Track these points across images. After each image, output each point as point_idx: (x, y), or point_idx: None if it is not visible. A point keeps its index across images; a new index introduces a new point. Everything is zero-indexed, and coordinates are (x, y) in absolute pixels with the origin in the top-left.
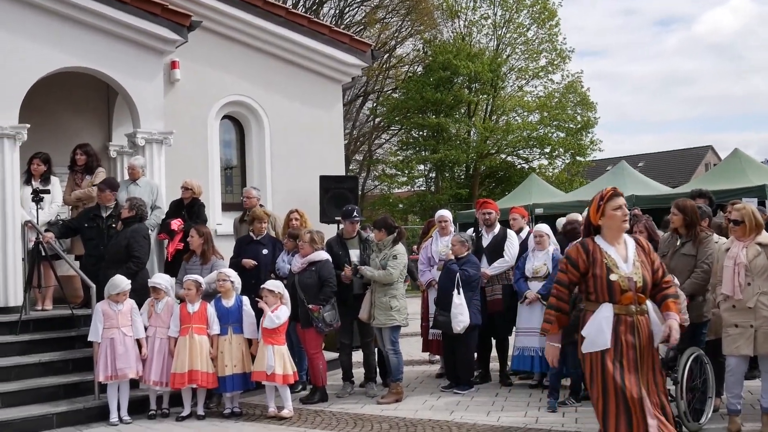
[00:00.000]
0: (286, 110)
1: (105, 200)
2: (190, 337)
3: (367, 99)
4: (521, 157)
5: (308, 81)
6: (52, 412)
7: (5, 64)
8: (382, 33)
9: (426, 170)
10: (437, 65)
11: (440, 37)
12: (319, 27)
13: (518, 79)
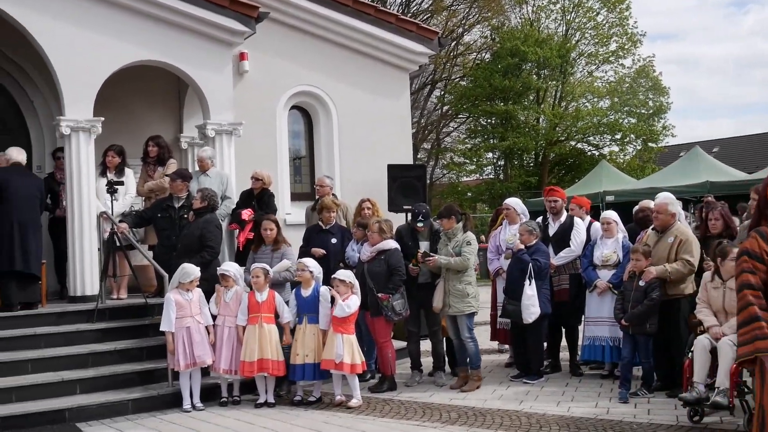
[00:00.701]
0: (353, 100)
1: (177, 190)
2: (260, 325)
3: (435, 87)
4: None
5: (375, 70)
6: (127, 398)
7: (80, 59)
8: (449, 20)
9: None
10: (505, 52)
11: (508, 23)
12: (386, 16)
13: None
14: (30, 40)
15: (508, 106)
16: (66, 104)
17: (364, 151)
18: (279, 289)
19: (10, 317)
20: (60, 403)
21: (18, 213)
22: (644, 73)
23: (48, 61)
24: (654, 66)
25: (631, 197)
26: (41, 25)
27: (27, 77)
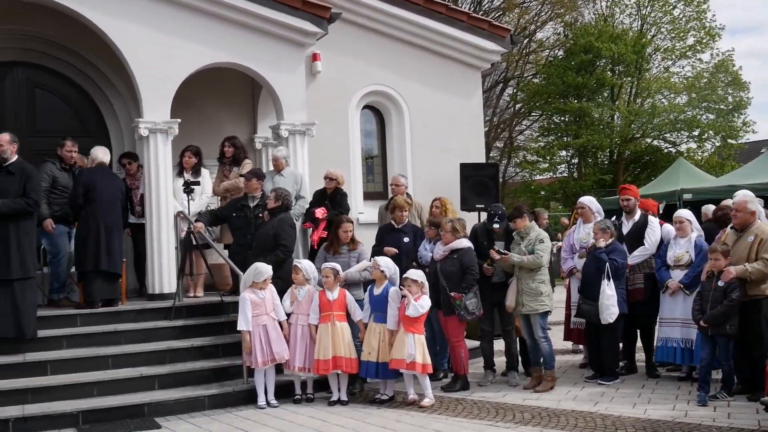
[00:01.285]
0: (425, 98)
1: (251, 189)
2: (332, 323)
3: (507, 85)
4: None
5: (447, 69)
6: (203, 394)
7: (157, 62)
8: (521, 18)
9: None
10: (578, 48)
11: (581, 19)
12: (458, 14)
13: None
14: (109, 44)
15: (582, 104)
16: (144, 106)
17: (437, 150)
18: (354, 288)
19: (93, 314)
20: (139, 398)
21: (103, 214)
22: (723, 67)
23: (127, 64)
24: (733, 60)
25: (710, 195)
26: (120, 29)
27: (107, 80)
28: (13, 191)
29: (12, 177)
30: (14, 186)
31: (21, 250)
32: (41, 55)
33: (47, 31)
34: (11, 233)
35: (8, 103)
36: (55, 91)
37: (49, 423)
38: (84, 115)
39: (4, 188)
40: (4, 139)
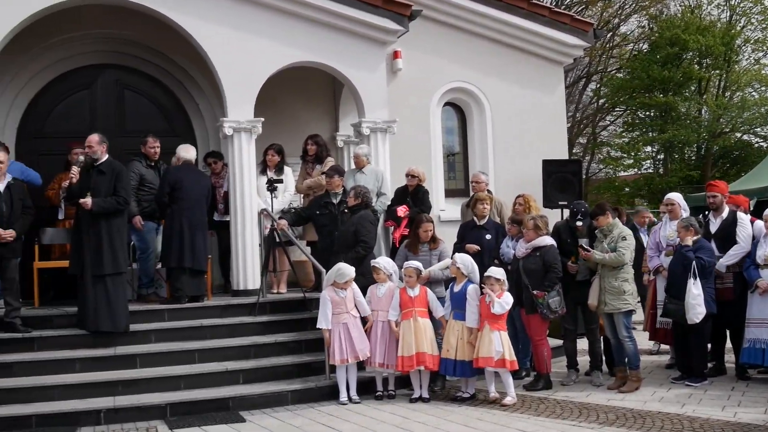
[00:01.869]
0: (507, 95)
1: (334, 186)
2: (414, 320)
3: (590, 80)
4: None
5: (529, 64)
6: (286, 389)
7: (240, 62)
8: (604, 11)
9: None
10: (664, 41)
11: (667, 11)
12: (539, 9)
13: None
14: (195, 46)
15: (668, 98)
16: (228, 106)
17: (519, 147)
18: (436, 285)
19: (180, 309)
20: (224, 392)
21: (188, 212)
22: None
23: (211, 65)
24: None
25: None
26: (205, 31)
27: (193, 81)
28: (105, 190)
29: (103, 176)
30: (105, 185)
31: (112, 246)
32: (130, 58)
33: (137, 34)
34: (103, 230)
35: (99, 105)
36: (144, 92)
37: (138, 414)
38: (171, 116)
39: (95, 187)
40: (94, 139)
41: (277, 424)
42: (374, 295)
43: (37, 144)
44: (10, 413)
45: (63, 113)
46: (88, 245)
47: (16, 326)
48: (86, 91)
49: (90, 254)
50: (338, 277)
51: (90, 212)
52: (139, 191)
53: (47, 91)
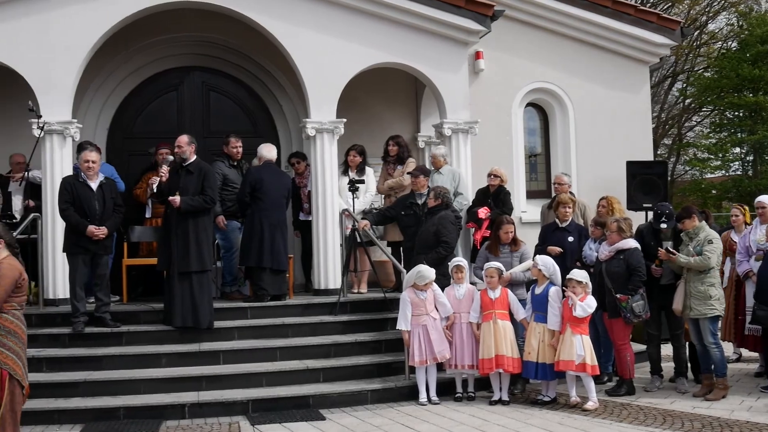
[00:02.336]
0: (590, 95)
1: (419, 186)
2: (494, 322)
3: (677, 79)
4: None
5: (613, 64)
6: (366, 388)
7: (323, 63)
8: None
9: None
10: (754, 39)
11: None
12: (624, 7)
13: None
14: (278, 47)
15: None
16: (311, 106)
17: (602, 148)
18: (518, 287)
19: (262, 307)
20: (305, 390)
21: (269, 211)
22: None
23: (295, 66)
24: None
25: None
26: (289, 33)
27: (276, 82)
28: (192, 189)
29: (191, 176)
30: (193, 184)
31: (198, 244)
32: (216, 60)
33: (223, 37)
34: (190, 228)
35: (186, 106)
36: (228, 94)
37: (221, 409)
38: (254, 117)
39: (184, 187)
40: (183, 140)
41: (356, 423)
42: (453, 297)
43: (126, 144)
44: (99, 405)
45: (151, 114)
46: (175, 243)
47: (105, 321)
48: (174, 92)
49: (177, 252)
50: (418, 279)
51: (178, 210)
52: (222, 191)
53: (137, 93)
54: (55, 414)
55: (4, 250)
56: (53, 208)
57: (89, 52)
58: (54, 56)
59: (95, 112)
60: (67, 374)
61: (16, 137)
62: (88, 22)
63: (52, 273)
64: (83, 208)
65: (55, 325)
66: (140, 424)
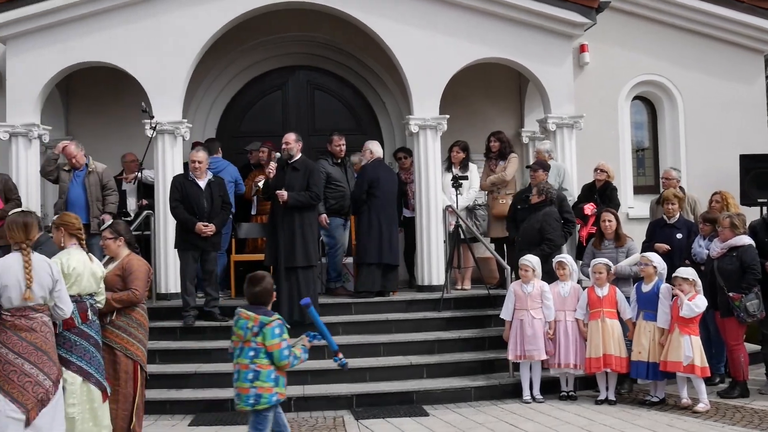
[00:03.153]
0: (701, 87)
1: (537, 180)
2: (602, 320)
3: None
4: None
5: (725, 54)
6: (470, 385)
7: (426, 60)
8: None
9: None
10: None
11: None
12: None
13: None
14: (381, 45)
15: None
16: (414, 103)
17: (713, 141)
18: (623, 284)
19: (366, 303)
20: (408, 386)
21: (384, 208)
22: None
23: (397, 63)
24: None
25: None
26: (391, 30)
27: (379, 80)
28: (298, 186)
29: (297, 173)
30: (299, 181)
31: (305, 240)
32: (320, 59)
33: (326, 35)
34: (296, 224)
35: (291, 105)
36: (333, 92)
37: (326, 403)
38: (358, 114)
39: (290, 183)
40: (291, 137)
41: (459, 420)
42: (557, 294)
43: (234, 142)
44: (209, 396)
45: (257, 113)
46: (282, 239)
47: (214, 315)
48: (279, 91)
49: (283, 247)
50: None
51: (285, 206)
52: (325, 189)
53: (244, 93)
54: (167, 404)
55: (126, 248)
56: (165, 205)
57: (199, 53)
58: (165, 58)
59: (204, 111)
60: (179, 366)
61: (130, 138)
62: (198, 24)
63: (164, 268)
64: (192, 205)
65: (167, 318)
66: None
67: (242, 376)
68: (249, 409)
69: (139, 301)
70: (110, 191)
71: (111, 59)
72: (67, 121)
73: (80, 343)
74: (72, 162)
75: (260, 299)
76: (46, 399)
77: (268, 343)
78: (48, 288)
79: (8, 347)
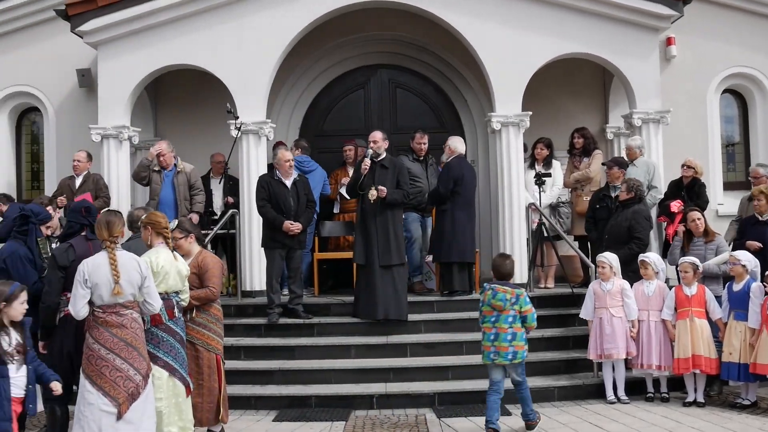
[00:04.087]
0: None
1: (613, 178)
2: (690, 320)
3: None
4: None
5: None
6: (553, 385)
7: (508, 57)
8: None
9: None
10: None
11: None
12: None
13: None
14: (462, 42)
15: None
16: (496, 100)
17: None
18: (712, 282)
19: (448, 301)
20: None
21: (465, 205)
22: None
23: (479, 60)
24: None
25: None
26: (472, 27)
27: (461, 77)
28: (389, 184)
29: (385, 171)
30: (388, 179)
31: (397, 238)
32: (402, 57)
33: (407, 34)
34: (389, 222)
35: (373, 104)
36: (414, 90)
37: (408, 401)
38: (440, 112)
39: (380, 181)
40: (378, 136)
41: (543, 420)
42: (642, 293)
43: (317, 142)
44: (292, 393)
45: (340, 112)
46: (375, 237)
47: (298, 313)
48: (361, 90)
49: (378, 246)
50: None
51: (381, 203)
52: None
53: (326, 92)
54: (252, 400)
55: (197, 245)
56: (249, 204)
57: (282, 54)
58: (249, 60)
59: (288, 111)
60: (263, 362)
61: (216, 138)
62: (281, 25)
63: (248, 266)
64: (279, 204)
65: (252, 315)
66: (330, 412)
67: (501, 338)
68: (506, 363)
69: (216, 298)
70: (197, 191)
71: (197, 61)
72: (155, 122)
73: (167, 339)
74: (160, 161)
75: (509, 275)
76: (136, 393)
77: (524, 308)
78: (137, 284)
79: (100, 343)
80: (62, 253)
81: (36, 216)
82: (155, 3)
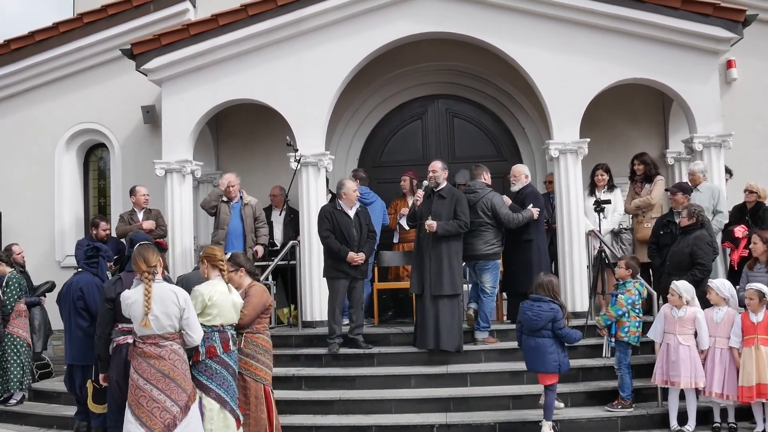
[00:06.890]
0: None
1: (677, 204)
2: (756, 347)
3: None
4: None
5: None
6: (616, 414)
7: (564, 84)
8: None
9: None
10: None
11: None
12: None
13: None
14: (519, 71)
15: None
16: (554, 128)
17: None
18: None
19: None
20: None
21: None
22: None
23: (536, 88)
24: None
25: None
26: (529, 55)
27: (518, 105)
28: (445, 214)
29: (443, 201)
30: (446, 209)
31: (451, 268)
32: (458, 87)
33: (462, 63)
34: (443, 253)
35: (431, 134)
36: (472, 119)
37: (469, 431)
38: (498, 141)
39: (437, 211)
40: (437, 166)
41: None
42: (710, 320)
43: (375, 172)
44: (353, 423)
45: (398, 143)
46: (428, 267)
47: (358, 342)
48: (418, 121)
49: (430, 276)
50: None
51: (434, 235)
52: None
53: (384, 123)
54: (312, 429)
55: (248, 278)
56: (310, 235)
57: (340, 87)
58: (308, 93)
59: (346, 143)
60: (324, 392)
61: (276, 171)
62: (338, 58)
63: (309, 296)
64: (343, 234)
65: (313, 345)
66: None
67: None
68: (634, 344)
69: (243, 325)
70: (261, 223)
71: (256, 96)
72: (217, 156)
73: (220, 371)
74: (229, 191)
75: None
76: (172, 425)
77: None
78: (175, 316)
79: (139, 373)
80: (110, 286)
81: (105, 252)
82: (216, 40)
